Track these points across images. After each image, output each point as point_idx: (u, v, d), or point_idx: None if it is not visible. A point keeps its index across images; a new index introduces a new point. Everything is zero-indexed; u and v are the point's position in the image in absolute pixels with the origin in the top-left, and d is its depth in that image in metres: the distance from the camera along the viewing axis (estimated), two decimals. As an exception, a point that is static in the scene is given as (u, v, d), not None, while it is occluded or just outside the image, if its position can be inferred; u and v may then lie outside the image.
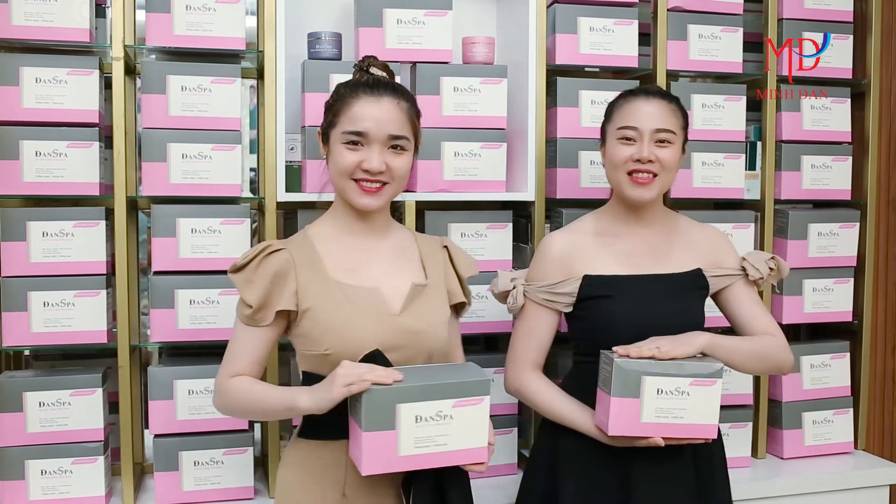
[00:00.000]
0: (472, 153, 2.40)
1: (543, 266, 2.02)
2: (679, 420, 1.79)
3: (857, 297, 2.80)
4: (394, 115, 1.70)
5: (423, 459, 1.58)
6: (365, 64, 1.79)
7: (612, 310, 1.95)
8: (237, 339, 1.72)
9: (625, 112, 1.97)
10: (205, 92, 2.23)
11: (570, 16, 2.48)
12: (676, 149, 1.96)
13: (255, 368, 1.72)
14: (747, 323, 2.03)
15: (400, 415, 1.54)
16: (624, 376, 1.78)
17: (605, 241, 2.02)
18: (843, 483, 2.63)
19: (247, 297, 1.68)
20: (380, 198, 1.71)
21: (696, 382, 1.78)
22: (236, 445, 2.28)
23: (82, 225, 2.19)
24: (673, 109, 1.97)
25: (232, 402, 1.71)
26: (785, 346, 2.01)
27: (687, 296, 1.99)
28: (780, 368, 2.04)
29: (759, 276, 2.04)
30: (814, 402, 2.72)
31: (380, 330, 1.68)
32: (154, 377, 2.23)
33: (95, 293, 2.20)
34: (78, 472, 2.19)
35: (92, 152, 2.18)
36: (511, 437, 2.51)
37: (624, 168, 1.95)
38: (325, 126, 1.75)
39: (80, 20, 2.17)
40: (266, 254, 1.69)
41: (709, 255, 2.05)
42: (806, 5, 2.71)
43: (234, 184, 2.26)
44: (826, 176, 2.74)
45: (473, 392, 1.59)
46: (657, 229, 2.03)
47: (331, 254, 1.74)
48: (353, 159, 1.68)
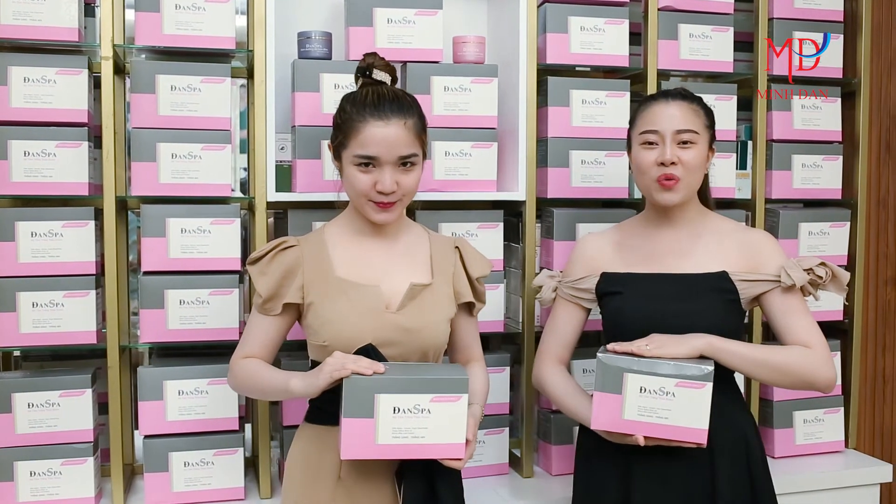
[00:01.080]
0: (463, 153, 2.40)
1: (572, 264, 2.11)
2: (664, 421, 1.76)
3: (848, 296, 2.80)
4: (402, 136, 1.76)
5: (400, 449, 1.65)
6: (367, 67, 1.83)
7: (620, 306, 1.97)
8: (251, 324, 1.85)
9: (646, 116, 1.98)
10: (194, 91, 2.22)
11: (561, 15, 2.48)
12: (700, 149, 1.95)
13: (266, 352, 1.84)
14: (782, 333, 1.94)
15: (379, 404, 1.63)
16: (605, 371, 1.78)
17: (631, 242, 2.05)
18: (833, 482, 2.63)
19: (259, 287, 1.80)
20: (393, 213, 1.80)
21: (683, 384, 1.75)
22: (226, 446, 2.27)
23: (71, 225, 2.18)
24: (695, 109, 1.97)
25: (239, 379, 1.83)
26: (821, 361, 1.87)
27: (705, 297, 1.94)
28: (812, 384, 1.89)
29: (791, 283, 1.91)
30: (805, 401, 2.73)
31: (374, 325, 1.75)
32: (144, 378, 2.23)
33: (85, 293, 2.19)
34: (67, 473, 2.18)
35: (81, 152, 2.17)
36: (502, 437, 2.51)
37: (650, 173, 1.95)
38: (336, 145, 1.81)
39: (68, 19, 2.16)
40: (280, 249, 1.81)
41: (744, 258, 1.97)
42: (796, 5, 2.71)
43: (224, 183, 2.25)
44: (816, 175, 2.74)
45: (451, 389, 1.65)
46: (687, 230, 2.02)
47: (340, 252, 1.83)
48: (367, 181, 1.76)
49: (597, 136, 2.49)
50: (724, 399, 1.79)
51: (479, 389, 1.90)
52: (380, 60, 1.84)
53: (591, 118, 2.50)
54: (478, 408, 1.82)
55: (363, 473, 1.75)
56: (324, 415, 1.77)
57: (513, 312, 2.57)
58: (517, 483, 2.48)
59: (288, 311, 1.81)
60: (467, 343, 1.97)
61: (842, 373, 2.81)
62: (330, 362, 1.65)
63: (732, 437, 1.92)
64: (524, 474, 2.51)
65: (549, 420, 2.51)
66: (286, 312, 1.81)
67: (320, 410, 1.79)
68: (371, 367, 1.63)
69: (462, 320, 1.93)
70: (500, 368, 2.47)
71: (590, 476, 1.99)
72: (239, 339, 1.89)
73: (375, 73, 1.83)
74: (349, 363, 1.63)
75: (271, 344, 1.84)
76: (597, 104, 2.50)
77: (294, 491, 1.82)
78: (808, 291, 1.96)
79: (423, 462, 1.71)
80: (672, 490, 1.89)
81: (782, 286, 1.93)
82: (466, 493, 1.84)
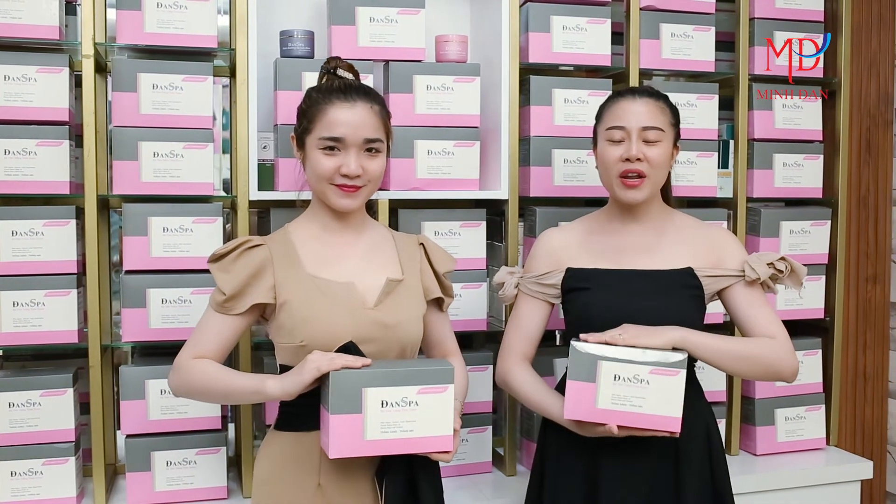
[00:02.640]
0: (446, 151, 2.40)
1: (535, 259, 2.08)
2: (638, 409, 1.76)
3: (829, 294, 2.82)
4: (368, 119, 1.76)
5: (389, 445, 1.63)
6: (331, 66, 1.84)
7: (588, 302, 1.96)
8: (205, 324, 1.78)
9: (613, 112, 1.98)
10: (176, 90, 2.21)
11: (543, 14, 2.48)
12: (665, 146, 1.96)
13: (219, 353, 1.77)
14: (746, 326, 1.97)
15: (366, 399, 1.60)
16: (579, 359, 1.78)
17: (596, 237, 2.05)
18: (815, 479, 2.65)
19: (222, 285, 1.74)
20: (357, 198, 1.78)
21: (657, 371, 1.75)
22: (209, 445, 2.27)
23: (52, 224, 2.18)
24: (661, 107, 1.97)
25: (189, 381, 1.74)
26: (786, 352, 1.92)
27: (673, 294, 1.96)
28: (778, 374, 1.93)
29: (756, 276, 1.96)
30: (786, 399, 2.74)
31: (353, 322, 1.73)
32: (126, 377, 2.22)
33: (66, 293, 2.18)
34: (48, 473, 2.18)
35: (62, 151, 2.17)
36: (486, 436, 2.52)
37: (614, 169, 1.95)
38: (300, 132, 1.80)
39: (49, 17, 2.15)
40: (246, 248, 1.77)
41: (708, 254, 2.00)
42: (777, 5, 2.73)
43: (207, 182, 2.25)
44: (798, 174, 2.76)
45: (437, 380, 1.65)
46: (652, 227, 2.03)
47: (308, 250, 1.80)
48: (332, 164, 1.74)
49: (579, 136, 2.49)
50: (688, 390, 1.80)
51: (459, 384, 1.89)
52: (343, 62, 1.85)
53: (573, 117, 2.51)
54: (458, 403, 1.82)
55: (343, 476, 1.72)
56: (301, 420, 1.74)
57: (495, 311, 2.57)
58: (500, 481, 2.48)
59: (250, 312, 1.76)
60: (441, 338, 1.96)
61: (823, 370, 2.82)
62: (312, 358, 1.62)
63: (696, 428, 1.93)
64: (507, 472, 2.51)
65: (532, 418, 2.52)
66: (248, 313, 1.76)
67: (298, 416, 1.75)
68: (358, 361, 1.62)
69: (433, 316, 1.92)
70: (483, 367, 2.47)
71: (556, 474, 1.98)
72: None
73: (340, 71, 1.84)
74: (336, 357, 1.61)
75: (226, 345, 1.78)
76: (579, 103, 2.51)
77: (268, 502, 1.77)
78: (769, 285, 2.00)
79: (405, 461, 1.70)
80: (639, 484, 1.90)
81: (746, 280, 1.97)
82: (450, 492, 1.84)
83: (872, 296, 3.23)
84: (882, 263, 3.23)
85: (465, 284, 2.42)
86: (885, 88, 3.21)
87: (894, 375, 3.25)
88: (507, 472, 2.51)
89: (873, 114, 3.19)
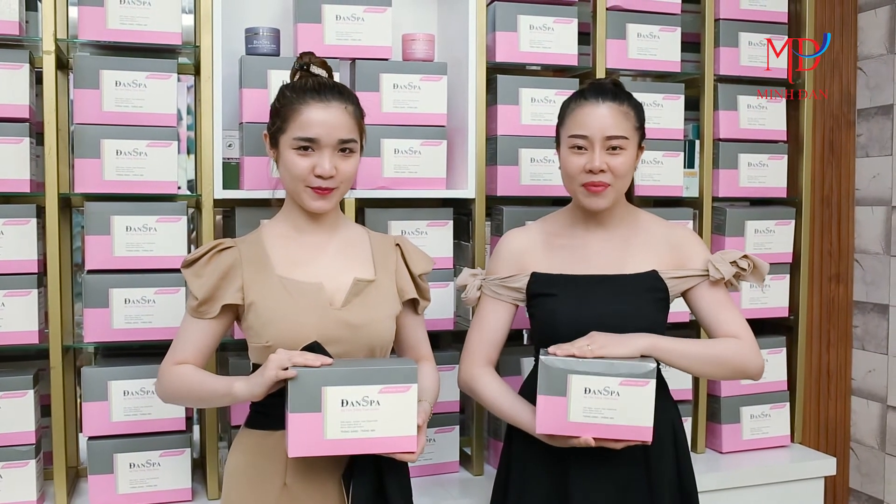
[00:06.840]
0: (412, 150, 2.39)
1: (498, 261, 2.05)
2: (610, 421, 1.75)
3: (793, 293, 2.85)
4: (342, 119, 1.75)
5: (350, 444, 1.62)
6: (304, 62, 1.83)
7: (554, 308, 1.94)
8: (184, 330, 1.79)
9: (576, 118, 1.92)
10: (140, 87, 2.19)
11: (510, 14, 2.48)
12: (629, 154, 1.92)
13: (199, 358, 1.78)
14: (711, 326, 1.96)
15: (326, 398, 1.59)
16: (549, 374, 1.76)
17: (560, 241, 2.02)
18: (779, 476, 2.68)
19: (195, 290, 1.75)
20: (330, 200, 1.78)
21: (627, 382, 1.74)
22: (173, 447, 2.24)
23: (12, 223, 2.14)
24: (625, 112, 1.92)
25: (171, 388, 1.76)
26: (751, 351, 1.92)
27: (638, 298, 1.94)
28: (745, 373, 1.93)
29: (721, 276, 1.95)
30: (751, 397, 2.77)
31: (318, 323, 1.72)
32: (88, 378, 2.19)
33: (26, 293, 2.15)
34: (8, 476, 2.14)
35: (22, 148, 2.13)
36: (453, 435, 2.51)
37: (577, 179, 1.92)
38: (274, 130, 1.79)
39: (9, 12, 2.12)
40: (217, 251, 1.77)
41: (671, 255, 1.99)
42: (742, 6, 2.75)
43: (171, 181, 2.22)
44: (762, 174, 2.78)
45: (400, 379, 1.63)
46: (617, 230, 2.00)
47: (279, 250, 1.80)
48: (306, 165, 1.74)
49: (546, 135, 2.49)
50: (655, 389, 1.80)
51: (429, 387, 1.89)
52: (316, 58, 1.85)
53: (540, 116, 2.51)
54: (427, 405, 1.80)
55: (309, 477, 1.71)
56: (268, 419, 1.73)
57: (463, 311, 2.57)
58: (468, 481, 2.48)
59: (225, 314, 1.76)
60: (414, 342, 1.95)
61: (787, 369, 2.85)
62: (273, 358, 1.60)
63: (663, 427, 1.93)
64: (475, 472, 2.51)
65: (500, 419, 2.51)
66: (223, 315, 1.76)
67: (264, 415, 1.75)
68: (318, 360, 1.61)
69: (408, 318, 1.91)
70: (450, 366, 2.46)
71: (522, 481, 1.96)
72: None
73: (312, 68, 1.83)
74: (295, 357, 1.60)
75: (206, 349, 1.78)
76: (546, 102, 2.51)
77: (236, 500, 1.77)
78: (732, 283, 2.00)
79: (372, 461, 1.69)
80: (609, 485, 1.89)
81: (711, 280, 1.96)
82: (418, 491, 1.83)
83: (836, 295, 3.27)
84: (845, 263, 3.27)
85: (433, 284, 2.38)
86: (847, 90, 3.25)
87: (857, 373, 3.29)
88: (475, 471, 2.51)
89: (836, 114, 3.24)
